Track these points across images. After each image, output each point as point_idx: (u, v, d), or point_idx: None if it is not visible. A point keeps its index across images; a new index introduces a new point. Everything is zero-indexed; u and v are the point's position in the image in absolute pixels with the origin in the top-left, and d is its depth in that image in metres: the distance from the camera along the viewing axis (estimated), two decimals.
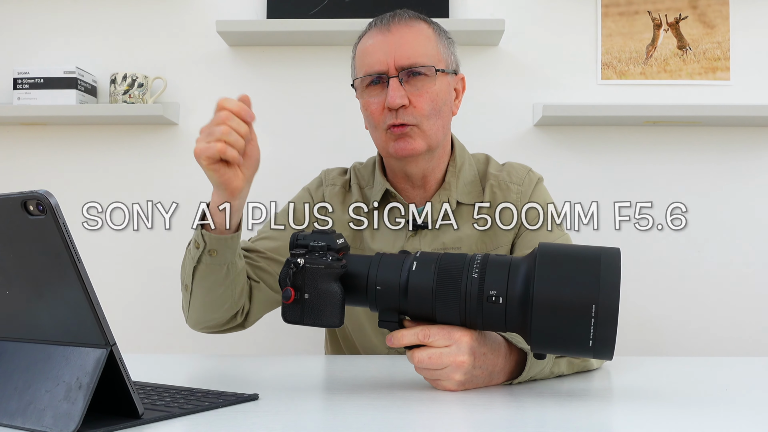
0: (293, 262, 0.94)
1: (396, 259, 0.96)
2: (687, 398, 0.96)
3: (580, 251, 0.88)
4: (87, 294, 0.72)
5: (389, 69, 1.29)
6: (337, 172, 1.49)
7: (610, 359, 0.86)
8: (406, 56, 1.29)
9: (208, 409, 0.84)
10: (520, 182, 1.40)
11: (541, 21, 2.24)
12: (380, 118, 1.31)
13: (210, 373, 1.15)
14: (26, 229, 0.73)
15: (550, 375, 1.06)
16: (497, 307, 0.89)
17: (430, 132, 1.31)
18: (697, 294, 2.22)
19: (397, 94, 1.27)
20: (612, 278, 0.84)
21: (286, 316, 0.96)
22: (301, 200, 1.46)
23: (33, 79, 2.17)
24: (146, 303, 2.24)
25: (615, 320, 0.83)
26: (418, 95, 1.29)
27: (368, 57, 1.32)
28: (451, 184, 1.38)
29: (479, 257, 0.92)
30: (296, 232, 1.00)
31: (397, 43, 1.30)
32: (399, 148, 1.30)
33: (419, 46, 1.31)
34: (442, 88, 1.32)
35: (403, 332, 0.95)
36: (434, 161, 1.37)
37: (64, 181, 2.27)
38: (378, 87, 1.32)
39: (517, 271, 0.89)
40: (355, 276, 0.96)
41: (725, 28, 2.21)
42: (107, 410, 0.78)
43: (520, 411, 0.87)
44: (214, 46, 2.26)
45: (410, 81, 1.30)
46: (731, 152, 2.22)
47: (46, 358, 0.77)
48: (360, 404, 0.89)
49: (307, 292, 0.95)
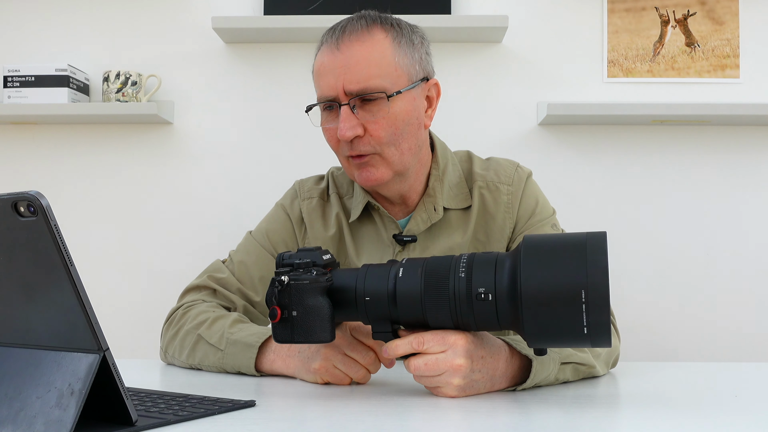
0: (278, 281, 0.95)
1: (383, 268, 0.97)
2: (695, 405, 0.96)
3: (565, 238, 0.88)
4: (79, 297, 0.73)
5: (339, 95, 1.19)
6: (313, 181, 1.41)
7: (609, 346, 0.86)
8: (355, 81, 1.18)
9: (204, 416, 0.84)
10: (509, 182, 1.33)
11: (545, 17, 2.24)
12: (337, 146, 1.24)
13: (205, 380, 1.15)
14: (17, 231, 0.73)
15: (556, 381, 1.06)
16: (487, 304, 0.90)
17: (394, 159, 1.22)
18: (707, 298, 2.22)
19: (347, 126, 1.18)
20: (599, 261, 0.84)
21: (277, 335, 0.98)
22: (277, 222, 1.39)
23: (24, 77, 2.17)
24: (140, 307, 2.24)
25: (607, 304, 0.83)
26: (374, 122, 1.20)
27: (320, 80, 1.23)
28: (435, 189, 1.30)
29: (465, 257, 0.93)
30: (282, 252, 1.00)
31: (346, 65, 1.19)
32: (363, 178, 1.23)
33: (370, 67, 1.19)
34: (403, 109, 1.21)
35: (396, 342, 0.95)
36: (409, 182, 1.29)
37: (55, 182, 2.27)
38: (332, 113, 1.23)
39: (503, 266, 0.90)
40: (343, 289, 0.96)
41: (734, 24, 2.21)
42: (100, 417, 0.78)
43: (524, 417, 0.87)
44: (210, 43, 2.27)
45: (364, 107, 1.20)
46: (741, 152, 2.22)
47: (37, 364, 0.77)
48: (359, 411, 0.89)
49: (294, 309, 0.95)
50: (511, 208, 1.32)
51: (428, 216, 1.30)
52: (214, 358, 1.18)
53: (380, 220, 1.33)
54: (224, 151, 2.27)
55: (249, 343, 1.15)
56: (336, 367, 1.05)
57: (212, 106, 2.27)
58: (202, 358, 1.20)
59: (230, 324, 1.20)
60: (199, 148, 2.27)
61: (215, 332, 1.20)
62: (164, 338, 1.30)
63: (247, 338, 1.16)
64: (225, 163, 2.27)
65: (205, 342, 1.20)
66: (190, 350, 1.22)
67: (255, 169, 2.26)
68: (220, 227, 2.23)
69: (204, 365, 1.21)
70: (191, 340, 1.22)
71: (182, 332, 1.24)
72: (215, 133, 2.27)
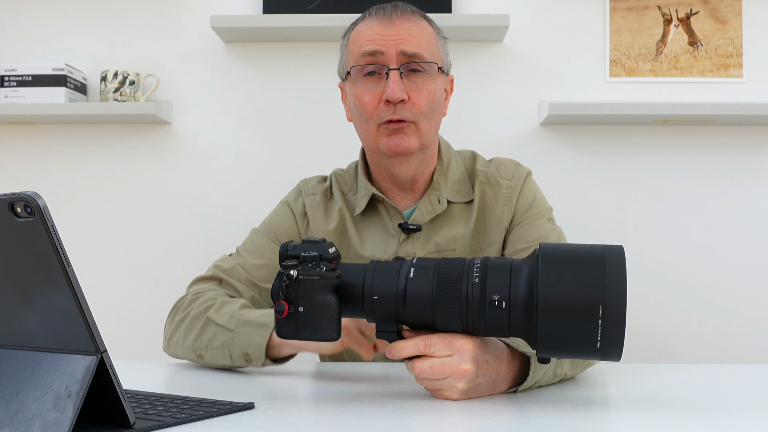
0: (285, 275, 0.93)
1: (392, 266, 0.95)
2: (697, 407, 0.96)
3: (583, 250, 0.88)
4: (76, 299, 0.73)
5: (390, 59, 1.27)
6: (316, 180, 1.47)
7: (618, 360, 0.86)
8: (410, 46, 1.27)
9: (202, 419, 0.84)
10: (509, 177, 1.39)
11: (547, 16, 2.24)
12: (374, 111, 1.29)
13: (204, 382, 1.15)
14: (13, 231, 0.73)
15: (554, 378, 1.06)
16: (500, 311, 0.89)
17: (425, 131, 1.30)
18: (710, 299, 2.22)
19: (398, 87, 1.26)
20: (618, 277, 0.84)
21: (281, 331, 0.96)
22: (280, 216, 1.44)
23: (20, 77, 2.17)
24: (138, 308, 2.24)
25: (623, 320, 0.83)
26: (417, 91, 1.28)
27: (368, 44, 1.29)
28: (439, 183, 1.36)
29: (479, 261, 0.92)
30: (285, 243, 0.98)
31: (401, 34, 1.28)
32: (393, 144, 1.29)
33: (422, 41, 1.29)
34: (439, 87, 1.32)
35: (402, 344, 0.95)
36: (424, 162, 1.35)
37: (52, 183, 2.27)
38: (374, 78, 1.29)
39: (519, 273, 0.89)
40: (350, 286, 0.95)
41: (738, 23, 2.21)
42: (97, 420, 0.78)
43: (524, 420, 0.88)
44: (209, 42, 2.27)
45: (410, 76, 1.28)
46: (744, 153, 2.22)
47: (34, 366, 0.78)
48: (359, 413, 0.89)
49: (301, 305, 0.94)
50: (510, 201, 1.37)
51: (432, 207, 1.35)
52: (224, 338, 1.18)
53: (385, 211, 1.37)
54: (223, 151, 2.27)
55: (262, 322, 1.16)
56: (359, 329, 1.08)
57: (211, 105, 2.27)
58: (209, 340, 1.20)
59: (239, 307, 1.22)
60: (197, 148, 2.27)
61: (225, 314, 1.21)
62: (169, 326, 1.30)
63: (259, 318, 1.17)
64: (224, 163, 2.27)
65: (214, 324, 1.21)
66: (197, 333, 1.22)
67: (254, 169, 2.26)
68: (219, 228, 2.23)
69: (211, 347, 1.20)
70: (199, 323, 1.23)
71: (189, 317, 1.25)
72: (214, 133, 2.27)
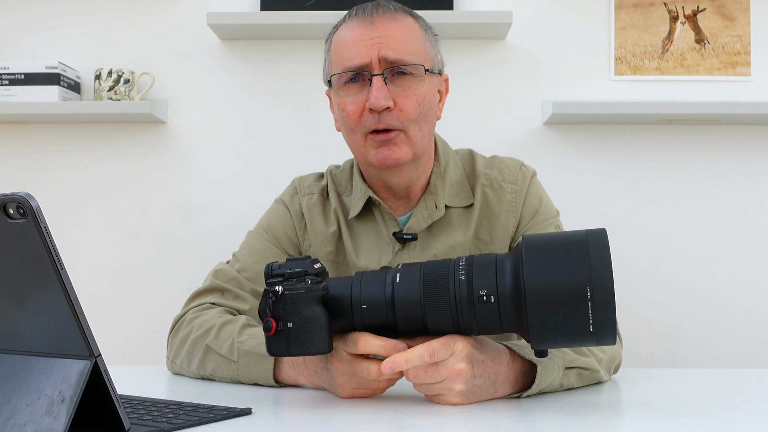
0: (271, 291, 0.94)
1: (377, 274, 0.97)
2: (704, 412, 0.96)
3: (566, 236, 0.89)
4: (70, 302, 0.73)
5: (372, 65, 1.21)
6: (312, 178, 1.42)
7: (613, 344, 0.87)
8: (392, 50, 1.21)
9: (199, 424, 0.84)
10: (513, 180, 1.33)
11: (550, 13, 2.24)
12: (359, 120, 1.23)
13: (200, 387, 1.15)
14: (6, 233, 0.73)
15: (560, 388, 1.06)
16: (489, 306, 0.90)
17: (417, 138, 1.24)
18: (717, 301, 2.22)
19: (382, 95, 1.19)
20: (602, 258, 0.85)
21: (272, 348, 0.96)
22: (277, 215, 1.39)
23: (13, 75, 2.17)
24: (132, 312, 2.24)
25: (612, 300, 0.84)
26: (404, 96, 1.22)
27: (348, 50, 1.23)
28: (437, 187, 1.31)
29: (463, 259, 0.93)
30: (270, 263, 0.99)
31: (382, 37, 1.21)
32: (382, 156, 1.23)
33: (407, 42, 1.23)
34: (429, 90, 1.25)
35: (406, 356, 0.92)
36: (419, 170, 1.30)
37: (46, 183, 2.27)
38: (357, 85, 1.23)
39: (504, 266, 0.91)
40: (338, 298, 0.96)
41: (745, 20, 2.21)
42: (91, 425, 0.78)
43: (529, 425, 0.88)
44: (205, 40, 2.27)
45: (395, 81, 1.22)
46: (751, 152, 2.22)
47: (27, 370, 0.78)
48: (358, 419, 0.89)
49: (290, 320, 0.94)
50: (515, 206, 1.33)
51: (429, 213, 1.30)
52: (228, 369, 1.15)
53: (381, 216, 1.33)
54: (219, 151, 2.27)
55: (262, 353, 1.11)
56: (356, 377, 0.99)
57: (207, 104, 2.27)
58: (213, 370, 1.17)
59: (239, 331, 1.17)
60: (193, 147, 2.27)
61: (224, 341, 1.16)
62: (170, 346, 1.27)
63: (258, 347, 1.12)
64: (220, 163, 2.27)
65: (215, 353, 1.17)
66: (200, 362, 1.19)
67: (251, 168, 2.26)
68: (215, 228, 2.23)
69: (217, 377, 1.18)
70: (200, 350, 1.19)
71: (190, 341, 1.21)
72: (210, 132, 2.27)
